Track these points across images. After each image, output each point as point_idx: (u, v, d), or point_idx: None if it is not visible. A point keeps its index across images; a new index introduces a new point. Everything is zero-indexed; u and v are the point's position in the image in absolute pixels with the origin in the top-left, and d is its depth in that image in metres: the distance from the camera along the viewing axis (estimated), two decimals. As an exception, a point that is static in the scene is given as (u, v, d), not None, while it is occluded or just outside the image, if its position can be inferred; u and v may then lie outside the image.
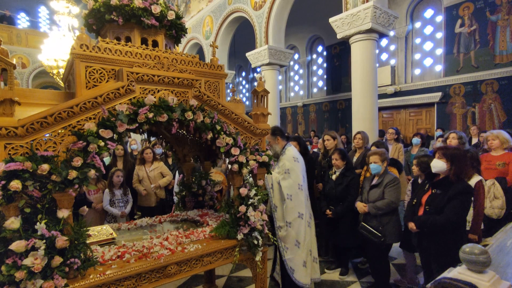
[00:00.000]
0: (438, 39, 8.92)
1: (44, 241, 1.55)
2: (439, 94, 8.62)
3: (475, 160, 2.98)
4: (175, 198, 3.38)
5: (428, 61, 9.23)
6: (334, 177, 3.55)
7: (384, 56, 10.30)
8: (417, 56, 9.47)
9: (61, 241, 1.60)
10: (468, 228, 2.80)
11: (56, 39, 6.72)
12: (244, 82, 18.04)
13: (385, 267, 3.13)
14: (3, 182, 1.40)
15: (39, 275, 1.52)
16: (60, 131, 1.65)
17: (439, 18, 8.83)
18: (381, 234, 2.91)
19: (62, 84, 7.60)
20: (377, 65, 6.22)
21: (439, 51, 8.85)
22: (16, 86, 1.58)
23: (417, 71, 9.48)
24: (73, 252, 1.67)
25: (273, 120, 8.20)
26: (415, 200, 2.76)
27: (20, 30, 12.94)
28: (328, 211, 3.48)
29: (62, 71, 6.84)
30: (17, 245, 1.47)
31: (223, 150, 2.22)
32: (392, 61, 9.99)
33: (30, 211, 1.57)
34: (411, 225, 2.64)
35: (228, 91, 3.02)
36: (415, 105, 9.41)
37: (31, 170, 1.48)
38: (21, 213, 1.55)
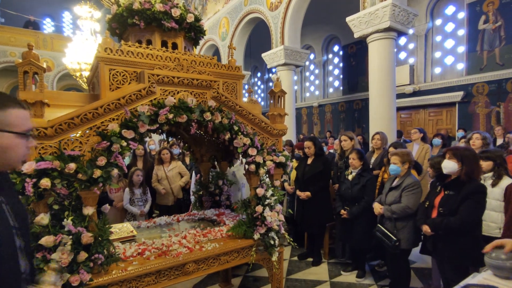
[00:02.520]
0: (460, 36, 8.62)
1: (71, 236, 1.62)
2: (461, 93, 8.33)
3: (502, 159, 2.83)
4: (193, 198, 3.44)
5: (449, 59, 8.94)
6: (350, 177, 3.50)
7: (402, 55, 10.06)
8: (437, 54, 9.19)
9: (87, 237, 1.66)
10: (499, 236, 2.69)
11: (79, 43, 6.97)
12: (259, 83, 18.06)
13: (404, 270, 3.06)
14: (34, 180, 1.48)
15: (66, 269, 1.59)
16: (86, 131, 1.72)
17: (461, 15, 8.53)
18: (396, 238, 2.84)
19: (84, 86, 7.87)
20: (395, 64, 6.08)
21: (461, 49, 8.55)
22: (45, 88, 1.66)
23: (438, 70, 9.20)
24: (97, 248, 1.74)
25: (288, 121, 8.17)
26: (428, 203, 2.70)
27: (46, 35, 13.51)
28: (342, 211, 3.45)
29: (84, 73, 7.08)
30: (47, 240, 1.54)
31: (240, 150, 2.25)
32: (411, 60, 9.74)
33: (58, 208, 1.64)
34: (425, 228, 2.59)
35: (244, 91, 3.05)
36: (435, 105, 9.13)
37: (59, 169, 1.55)
38: (49, 210, 1.62)
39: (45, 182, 1.51)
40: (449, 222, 2.41)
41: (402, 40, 9.89)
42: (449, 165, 2.49)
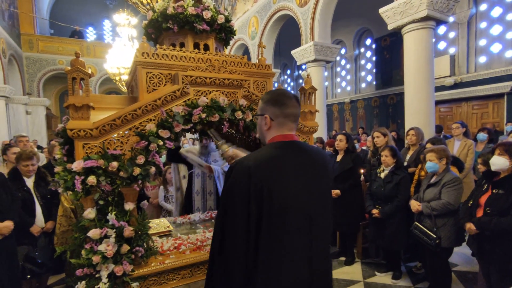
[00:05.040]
0: (508, 21, 7.91)
1: (114, 230, 1.74)
2: (510, 83, 7.64)
3: None
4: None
5: (496, 47, 8.23)
6: (382, 175, 3.39)
7: (442, 45, 9.44)
8: (482, 42, 8.50)
9: (128, 231, 1.78)
10: None
11: (118, 49, 7.40)
12: (289, 80, 17.94)
13: (444, 272, 2.91)
14: (82, 177, 1.61)
15: (111, 260, 1.72)
16: (126, 132, 1.83)
17: (510, -2, 7.83)
18: (436, 236, 2.72)
19: (123, 89, 8.34)
20: (433, 55, 5.72)
21: (511, 35, 7.84)
22: (90, 93, 1.79)
23: (482, 59, 8.51)
24: (138, 241, 1.85)
25: (319, 118, 8.03)
26: (472, 201, 2.54)
27: (89, 43, 14.62)
28: (374, 210, 3.34)
29: (123, 77, 7.51)
30: (94, 233, 1.67)
31: (271, 148, 2.26)
32: (452, 50, 9.11)
33: (103, 203, 1.77)
34: (469, 226, 2.44)
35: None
36: (480, 97, 8.47)
37: (103, 167, 1.68)
38: (96, 205, 1.76)
39: (92, 179, 1.64)
40: (499, 222, 2.25)
41: (442, 29, 9.28)
42: (499, 162, 2.33)
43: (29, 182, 2.96)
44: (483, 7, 8.42)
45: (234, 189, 1.20)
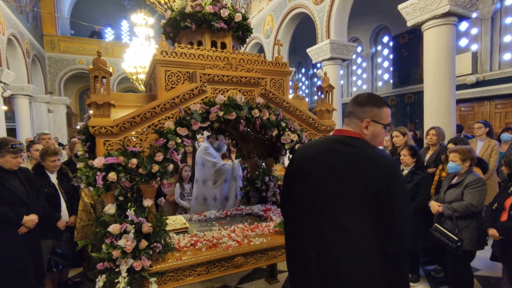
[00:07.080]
0: (536, 16, 7.54)
1: (133, 226, 1.78)
2: (537, 81, 7.29)
3: None
4: (240, 193, 3.54)
5: (522, 44, 7.88)
6: None
7: (463, 42, 9.10)
8: (507, 38, 8.14)
9: (147, 227, 1.81)
10: None
11: (135, 48, 7.53)
12: (303, 79, 17.79)
13: (466, 276, 2.81)
14: (103, 173, 1.65)
15: (130, 255, 1.75)
16: (144, 129, 1.86)
17: (538, -8, 7.45)
18: (458, 238, 2.63)
19: (140, 88, 8.48)
20: (455, 52, 5.52)
21: (538, 31, 7.48)
22: (110, 91, 1.83)
23: (507, 56, 8.15)
24: (156, 237, 1.88)
25: (335, 117, 7.91)
26: (496, 204, 2.44)
27: (108, 43, 15.01)
28: None
29: (140, 76, 7.64)
30: (114, 228, 1.71)
31: (287, 146, 2.25)
32: (474, 47, 8.76)
33: (122, 199, 1.81)
34: (492, 232, 2.35)
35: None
36: (504, 96, 8.11)
37: (123, 164, 1.71)
38: (115, 201, 1.80)
39: (112, 176, 1.67)
40: None
41: (463, 25, 8.95)
42: None
43: (53, 178, 3.06)
44: (508, 1, 8.06)
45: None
